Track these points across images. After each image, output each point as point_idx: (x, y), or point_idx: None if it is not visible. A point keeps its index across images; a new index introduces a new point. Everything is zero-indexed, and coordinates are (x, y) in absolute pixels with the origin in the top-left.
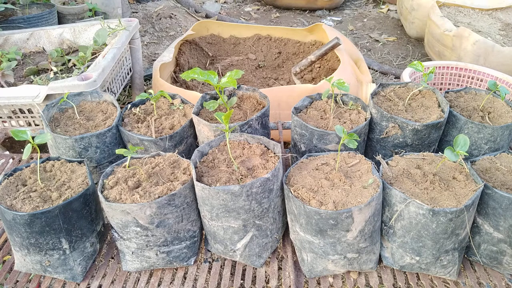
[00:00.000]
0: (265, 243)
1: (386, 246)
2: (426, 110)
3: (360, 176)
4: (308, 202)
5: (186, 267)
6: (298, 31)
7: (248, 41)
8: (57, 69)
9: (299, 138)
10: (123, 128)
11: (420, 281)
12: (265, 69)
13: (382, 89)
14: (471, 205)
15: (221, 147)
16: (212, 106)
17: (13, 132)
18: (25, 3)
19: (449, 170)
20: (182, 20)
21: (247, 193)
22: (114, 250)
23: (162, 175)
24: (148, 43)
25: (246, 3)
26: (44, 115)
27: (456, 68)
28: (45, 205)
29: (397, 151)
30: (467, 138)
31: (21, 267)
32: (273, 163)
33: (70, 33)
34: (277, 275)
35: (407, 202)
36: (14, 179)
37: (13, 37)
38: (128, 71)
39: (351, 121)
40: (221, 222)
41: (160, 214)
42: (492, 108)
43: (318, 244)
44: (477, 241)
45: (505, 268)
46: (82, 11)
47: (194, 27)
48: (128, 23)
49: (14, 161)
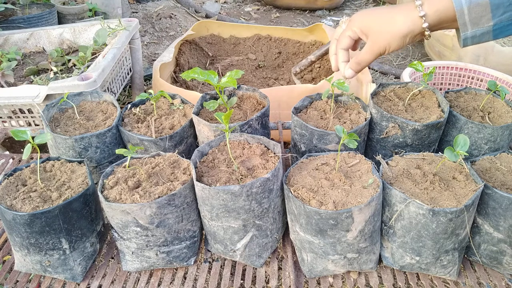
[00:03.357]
0: (265, 243)
1: (386, 246)
2: (426, 110)
3: (360, 176)
4: (308, 202)
5: (186, 267)
6: (298, 31)
7: (248, 41)
8: (57, 69)
9: (299, 138)
10: (123, 128)
11: (420, 281)
12: (265, 69)
13: (382, 89)
14: (471, 205)
15: (221, 147)
16: (212, 106)
17: (13, 132)
18: (25, 3)
19: (449, 170)
20: (182, 20)
21: (247, 193)
22: (114, 250)
23: (162, 175)
24: (148, 43)
25: (246, 3)
26: (44, 115)
27: (456, 68)
28: (45, 205)
29: (397, 151)
30: (467, 138)
31: (21, 267)
32: (273, 163)
33: (70, 33)
34: (277, 275)
35: (407, 202)
36: (14, 179)
37: (13, 37)
38: (128, 71)
39: (351, 121)
40: (221, 222)
41: (160, 214)
42: (492, 108)
43: (318, 244)
44: (477, 241)
45: (505, 268)
46: (82, 11)
47: (194, 27)
48: (128, 23)
49: (14, 161)
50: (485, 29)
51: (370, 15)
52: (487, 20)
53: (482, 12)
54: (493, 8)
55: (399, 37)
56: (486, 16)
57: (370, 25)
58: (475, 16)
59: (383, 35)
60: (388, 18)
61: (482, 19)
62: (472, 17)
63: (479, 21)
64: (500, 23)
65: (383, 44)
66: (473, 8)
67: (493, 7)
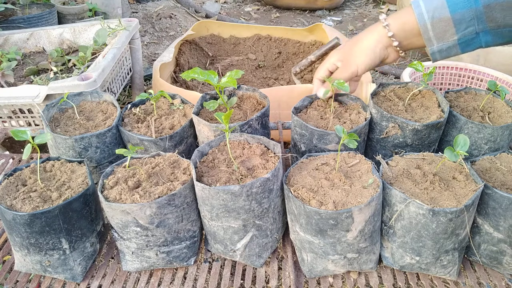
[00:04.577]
0: (265, 243)
1: (386, 246)
2: (426, 110)
3: (360, 176)
4: (308, 202)
5: (186, 267)
6: (298, 31)
7: (248, 41)
8: (57, 69)
9: (299, 138)
10: (123, 128)
11: (420, 281)
12: (265, 69)
13: (382, 89)
14: (471, 205)
15: (221, 147)
16: (212, 106)
17: (13, 132)
18: (25, 3)
19: (449, 170)
20: (182, 20)
21: (247, 193)
22: (114, 250)
23: (162, 175)
24: (148, 43)
25: (246, 3)
26: (44, 115)
27: (456, 68)
28: (45, 205)
29: (397, 151)
30: (467, 138)
31: (21, 267)
32: (273, 163)
33: (70, 33)
34: (277, 275)
35: (407, 202)
36: (14, 179)
37: (13, 37)
38: (128, 71)
39: (351, 121)
40: (221, 222)
41: (160, 214)
42: (492, 108)
43: (318, 244)
44: (477, 241)
45: (505, 268)
46: (82, 11)
47: (194, 27)
48: (128, 23)
49: (14, 161)
50: (451, 43)
51: (344, 45)
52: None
53: (445, 27)
54: (455, 23)
55: (368, 50)
56: (450, 31)
57: (344, 52)
58: (439, 31)
59: (354, 53)
60: (359, 40)
61: (446, 33)
62: (436, 32)
63: (443, 35)
64: (464, 37)
65: (354, 61)
66: (436, 24)
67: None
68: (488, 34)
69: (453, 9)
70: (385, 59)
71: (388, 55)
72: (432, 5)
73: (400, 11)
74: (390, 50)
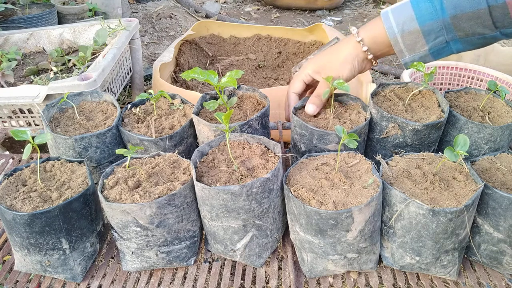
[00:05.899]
0: (265, 243)
1: (386, 246)
2: (426, 110)
3: (360, 176)
4: (308, 202)
5: (186, 267)
6: (298, 31)
7: (248, 41)
8: (57, 69)
9: (299, 138)
10: (123, 128)
11: (420, 281)
12: (265, 69)
13: (382, 89)
14: (471, 205)
15: (221, 147)
16: (212, 106)
17: (13, 132)
18: (25, 3)
19: (449, 170)
20: (182, 20)
21: (247, 193)
22: (114, 250)
23: (162, 175)
24: (148, 43)
25: (246, 3)
26: (44, 115)
27: (456, 68)
28: (45, 205)
29: (397, 151)
30: (467, 138)
31: (21, 267)
32: (273, 163)
33: (70, 33)
34: (277, 275)
35: (407, 202)
36: (14, 179)
37: (13, 37)
38: (128, 71)
39: (351, 121)
40: (221, 222)
41: (160, 214)
42: (492, 108)
43: (318, 244)
44: (477, 241)
45: (505, 268)
46: (82, 11)
47: (194, 27)
48: (128, 23)
49: (14, 161)
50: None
51: (319, 58)
52: (422, 45)
53: (415, 39)
54: (425, 35)
55: (346, 63)
56: (420, 42)
57: (320, 64)
58: (410, 43)
59: (333, 66)
60: (334, 52)
61: (417, 45)
62: (407, 44)
63: (414, 47)
64: (435, 46)
65: (335, 74)
66: (406, 36)
67: (425, 33)
68: (458, 43)
69: (421, 21)
70: (362, 71)
71: (364, 66)
72: (401, 18)
73: (371, 23)
74: (366, 62)
